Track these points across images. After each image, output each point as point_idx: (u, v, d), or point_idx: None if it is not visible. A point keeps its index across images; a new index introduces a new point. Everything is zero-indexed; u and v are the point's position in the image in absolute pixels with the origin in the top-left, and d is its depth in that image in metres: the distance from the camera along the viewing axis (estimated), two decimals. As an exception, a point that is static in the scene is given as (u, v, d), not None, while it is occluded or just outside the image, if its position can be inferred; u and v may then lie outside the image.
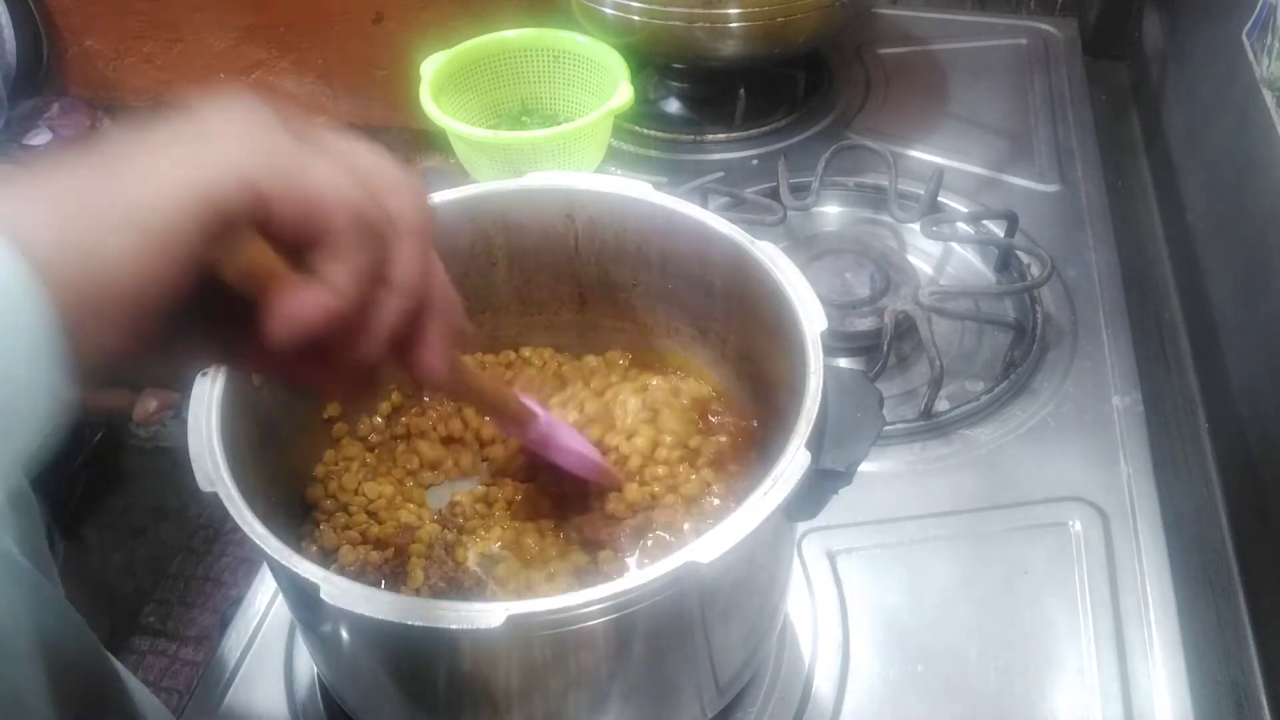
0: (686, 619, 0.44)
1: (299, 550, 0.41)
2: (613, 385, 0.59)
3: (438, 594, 0.50)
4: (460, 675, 0.44)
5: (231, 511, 0.40)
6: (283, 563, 0.39)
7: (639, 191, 0.54)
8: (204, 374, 0.44)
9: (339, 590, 0.38)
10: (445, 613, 0.37)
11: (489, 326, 0.60)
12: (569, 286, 0.59)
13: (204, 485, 0.41)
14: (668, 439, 0.56)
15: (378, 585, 0.51)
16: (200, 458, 0.42)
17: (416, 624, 0.37)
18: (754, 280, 0.51)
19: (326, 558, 0.52)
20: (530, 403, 0.50)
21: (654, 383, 0.60)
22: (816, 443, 0.43)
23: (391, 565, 0.51)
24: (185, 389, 0.44)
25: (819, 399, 0.43)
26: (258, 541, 0.39)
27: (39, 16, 1.34)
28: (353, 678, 0.51)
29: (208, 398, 0.44)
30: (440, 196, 0.53)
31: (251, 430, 0.47)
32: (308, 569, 0.38)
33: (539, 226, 0.56)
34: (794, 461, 0.41)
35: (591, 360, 0.62)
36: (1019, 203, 0.87)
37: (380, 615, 0.37)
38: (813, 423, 0.42)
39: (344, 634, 0.44)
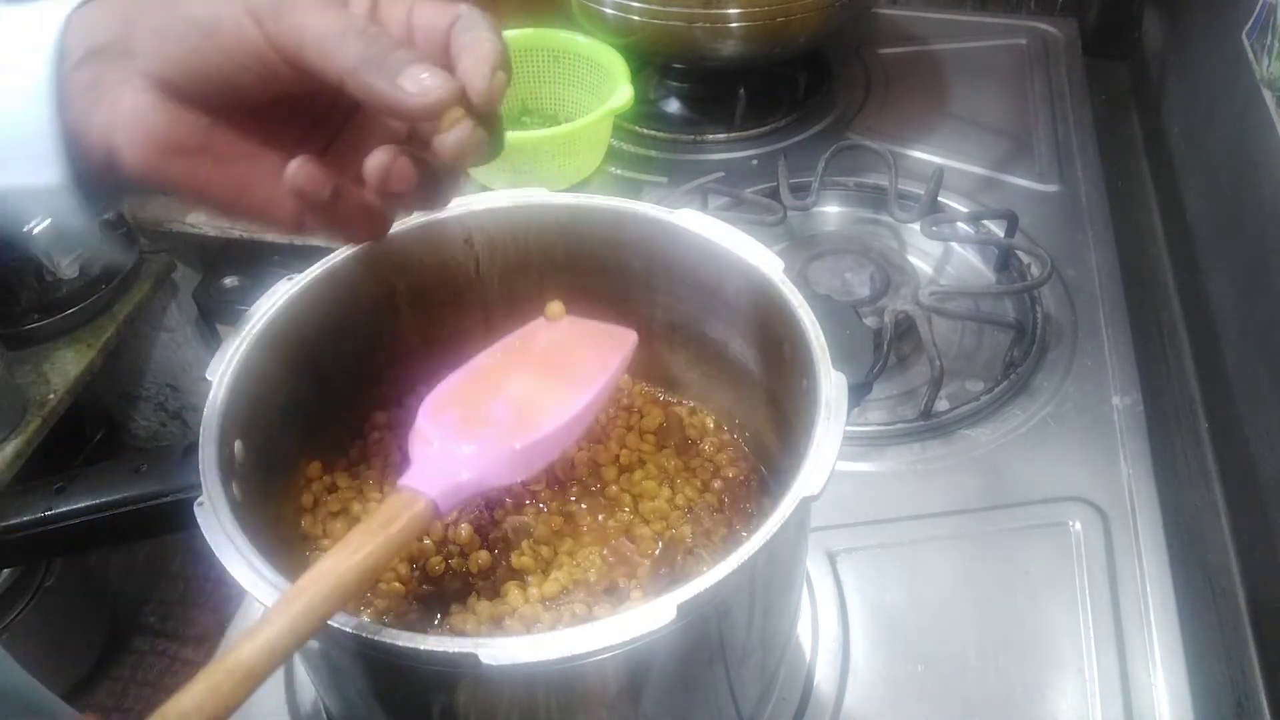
0: (790, 563, 0.46)
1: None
2: None
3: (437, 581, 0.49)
4: (608, 695, 0.42)
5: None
6: (431, 650, 0.35)
7: (536, 197, 0.54)
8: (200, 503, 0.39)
9: (498, 649, 0.34)
10: (608, 630, 0.35)
11: (398, 378, 0.58)
12: (475, 314, 0.57)
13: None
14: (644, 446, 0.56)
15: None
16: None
17: (584, 651, 0.35)
18: (681, 248, 0.52)
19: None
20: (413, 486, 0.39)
21: None
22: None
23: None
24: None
25: (817, 324, 0.45)
26: (390, 641, 0.35)
27: (39, 16, 1.34)
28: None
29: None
30: (337, 255, 0.50)
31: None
32: (459, 643, 0.35)
33: (438, 261, 0.54)
34: (833, 385, 0.43)
35: None
36: (1019, 203, 0.87)
37: (549, 657, 0.34)
38: (825, 346, 0.44)
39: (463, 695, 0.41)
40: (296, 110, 0.40)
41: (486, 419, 0.44)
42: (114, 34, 0.36)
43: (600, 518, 0.53)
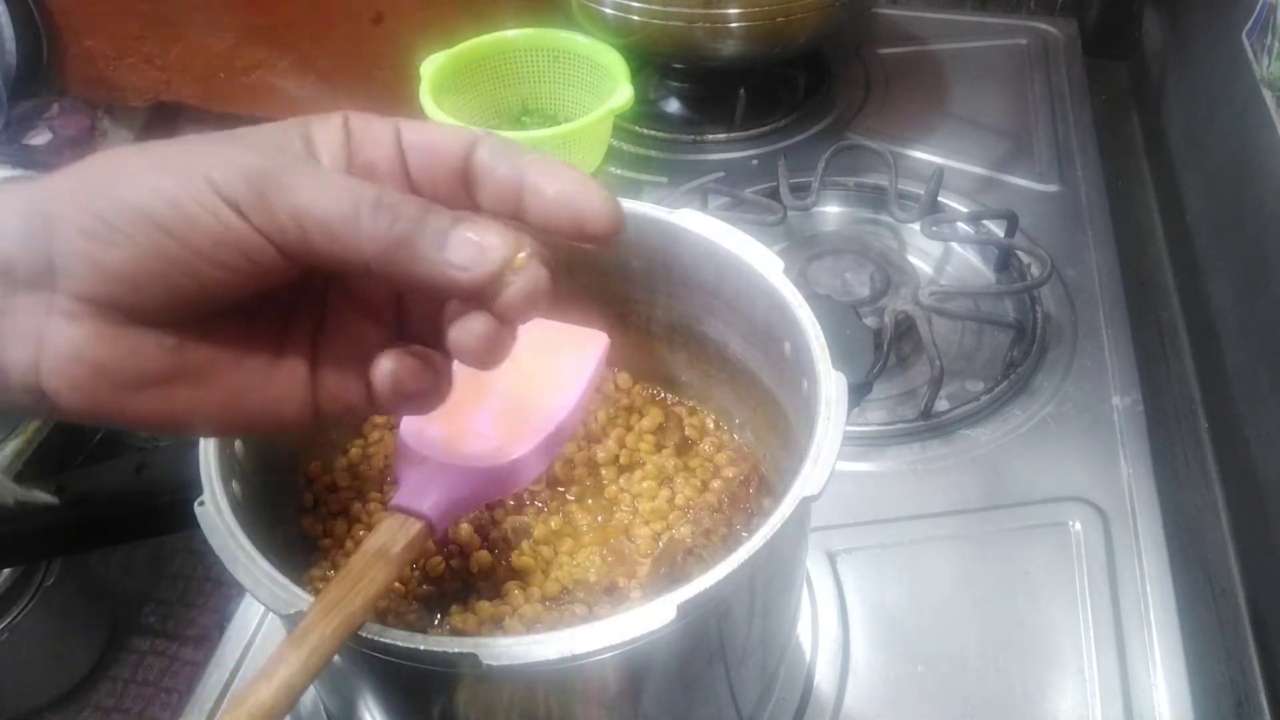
0: (790, 563, 0.46)
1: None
2: None
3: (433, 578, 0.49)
4: (609, 695, 0.42)
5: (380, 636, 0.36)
6: (431, 650, 0.35)
7: None
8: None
9: (500, 649, 0.35)
10: (608, 630, 0.35)
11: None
12: None
13: (282, 609, 0.36)
14: (643, 445, 0.56)
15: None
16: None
17: (584, 651, 0.35)
18: (681, 248, 0.52)
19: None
20: (405, 506, 0.38)
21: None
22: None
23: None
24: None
25: (817, 324, 0.45)
26: (390, 641, 0.35)
27: (39, 16, 1.34)
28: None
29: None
30: None
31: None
32: (458, 643, 0.35)
33: None
34: (833, 385, 0.43)
35: None
36: (1019, 203, 0.87)
37: (549, 657, 0.34)
38: (825, 346, 0.44)
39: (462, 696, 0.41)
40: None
41: (471, 432, 0.42)
42: (22, 246, 0.27)
43: (600, 518, 0.53)
